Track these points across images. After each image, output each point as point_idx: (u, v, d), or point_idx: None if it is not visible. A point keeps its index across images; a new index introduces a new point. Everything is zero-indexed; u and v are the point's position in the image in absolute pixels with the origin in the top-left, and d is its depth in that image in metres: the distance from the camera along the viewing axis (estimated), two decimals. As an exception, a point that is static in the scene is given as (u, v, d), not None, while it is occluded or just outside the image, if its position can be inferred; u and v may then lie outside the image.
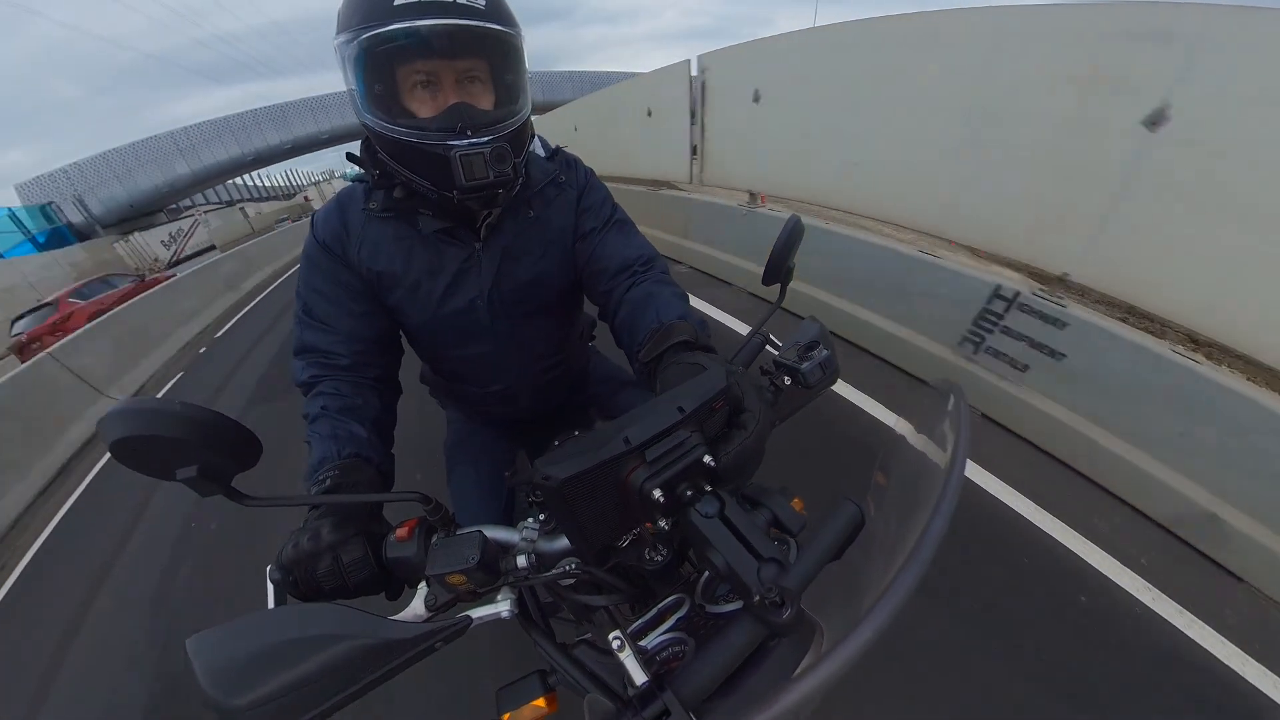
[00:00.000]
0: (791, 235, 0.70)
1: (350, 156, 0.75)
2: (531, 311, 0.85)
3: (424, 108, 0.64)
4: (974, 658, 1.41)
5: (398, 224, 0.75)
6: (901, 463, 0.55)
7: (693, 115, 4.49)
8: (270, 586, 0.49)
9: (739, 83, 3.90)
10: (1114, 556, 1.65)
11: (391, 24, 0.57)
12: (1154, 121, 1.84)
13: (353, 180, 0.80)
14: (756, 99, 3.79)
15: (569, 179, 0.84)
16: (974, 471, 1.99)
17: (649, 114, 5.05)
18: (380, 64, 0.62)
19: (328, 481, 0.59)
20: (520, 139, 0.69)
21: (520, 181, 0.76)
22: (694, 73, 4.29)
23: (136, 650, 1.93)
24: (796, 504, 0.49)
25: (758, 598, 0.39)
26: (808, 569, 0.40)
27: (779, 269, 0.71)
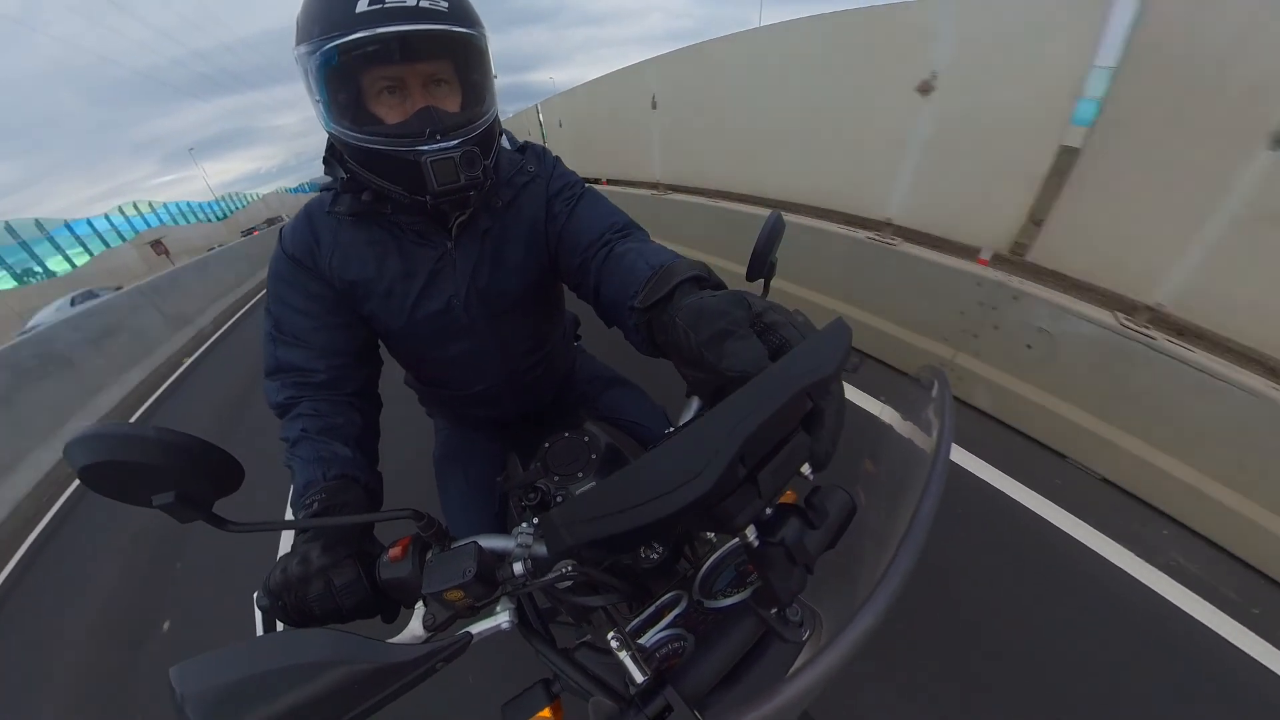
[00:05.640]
0: (773, 231, 0.70)
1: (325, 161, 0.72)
2: (510, 308, 0.83)
3: (391, 113, 0.62)
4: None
5: (370, 228, 0.73)
6: (889, 450, 0.56)
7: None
8: (258, 614, 0.48)
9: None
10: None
11: (354, 33, 0.55)
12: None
13: (320, 190, 0.78)
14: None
15: (538, 169, 0.82)
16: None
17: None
18: (344, 73, 0.60)
19: (315, 505, 0.57)
20: (489, 139, 0.68)
21: (490, 180, 0.75)
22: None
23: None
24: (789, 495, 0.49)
25: (796, 617, 0.38)
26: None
27: (762, 265, 0.72)
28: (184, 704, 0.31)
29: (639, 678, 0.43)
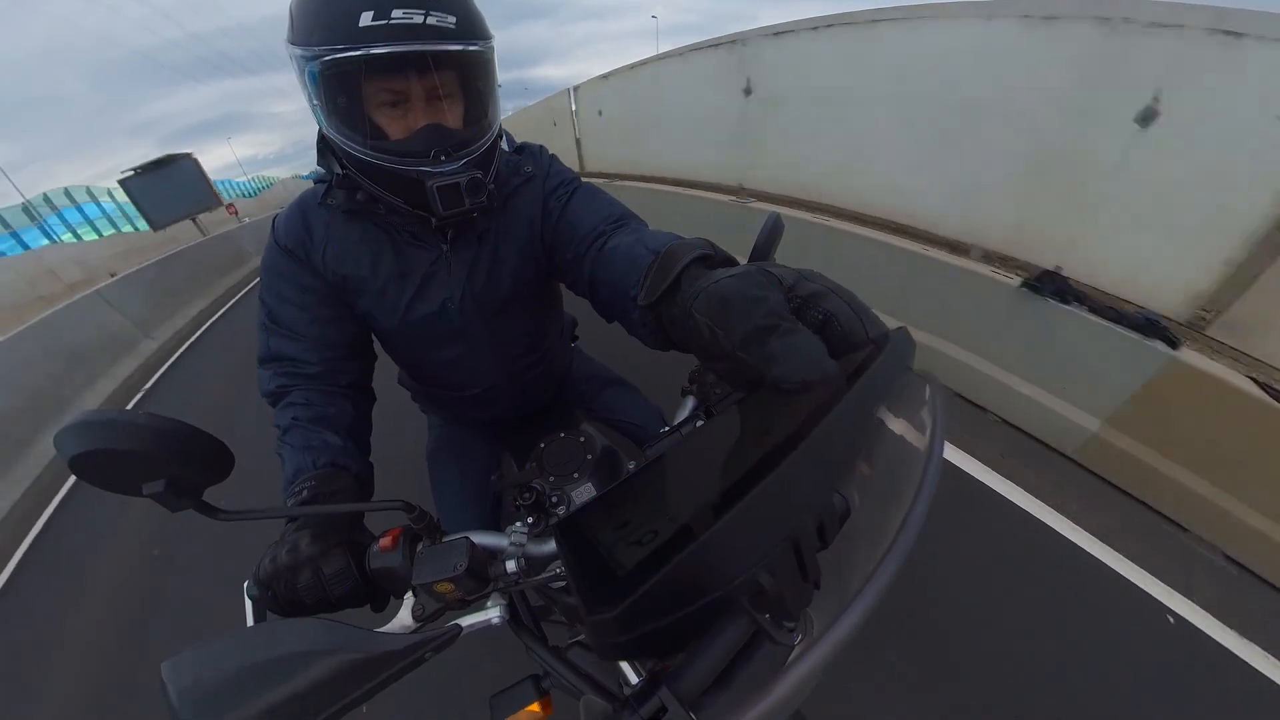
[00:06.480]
0: (772, 232, 0.71)
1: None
2: (505, 310, 0.82)
3: (393, 126, 0.61)
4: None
5: (364, 225, 0.73)
6: (883, 451, 0.56)
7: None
8: (248, 603, 0.47)
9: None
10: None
11: (356, 49, 0.54)
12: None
13: (316, 181, 0.77)
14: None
15: (534, 169, 0.81)
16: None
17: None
18: (343, 83, 0.59)
19: (305, 493, 0.57)
20: (492, 153, 0.68)
21: (494, 202, 0.73)
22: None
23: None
24: None
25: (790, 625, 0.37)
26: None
27: None
28: (176, 699, 0.31)
29: (634, 679, 0.43)
